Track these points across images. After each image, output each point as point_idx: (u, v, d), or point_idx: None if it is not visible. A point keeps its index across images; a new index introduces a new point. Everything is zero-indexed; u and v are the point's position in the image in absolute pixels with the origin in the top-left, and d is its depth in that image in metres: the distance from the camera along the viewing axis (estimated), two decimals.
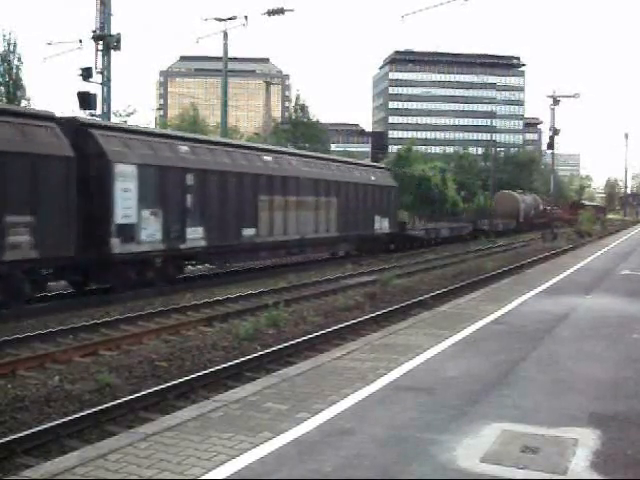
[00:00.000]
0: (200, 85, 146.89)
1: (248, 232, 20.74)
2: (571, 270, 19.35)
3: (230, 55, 31.25)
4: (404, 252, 32.15)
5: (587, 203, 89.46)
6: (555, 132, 44.56)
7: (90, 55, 22.52)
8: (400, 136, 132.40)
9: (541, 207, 63.28)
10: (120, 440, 5.30)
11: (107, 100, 22.71)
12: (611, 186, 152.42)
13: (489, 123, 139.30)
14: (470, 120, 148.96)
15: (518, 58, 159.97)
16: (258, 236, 21.14)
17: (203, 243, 18.76)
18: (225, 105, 30.88)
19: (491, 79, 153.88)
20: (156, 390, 8.44)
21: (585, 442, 5.09)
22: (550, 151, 47.92)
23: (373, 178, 30.11)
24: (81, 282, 16.55)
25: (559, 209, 64.60)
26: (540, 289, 14.75)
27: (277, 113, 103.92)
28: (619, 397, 6.42)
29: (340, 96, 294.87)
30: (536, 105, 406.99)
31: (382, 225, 29.90)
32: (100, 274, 16.37)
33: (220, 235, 19.46)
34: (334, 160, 29.91)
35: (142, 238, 16.65)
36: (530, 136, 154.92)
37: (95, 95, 21.86)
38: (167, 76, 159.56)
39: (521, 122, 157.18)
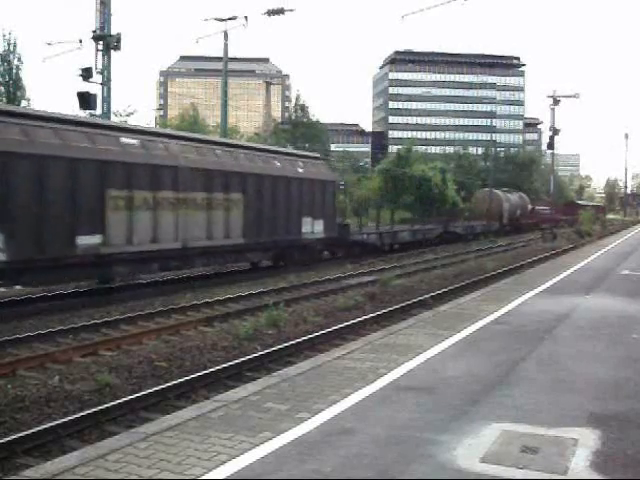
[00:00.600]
0: (200, 85, 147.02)
1: (88, 240, 15.12)
2: (571, 270, 19.35)
3: (230, 55, 31.29)
4: (349, 261, 25.92)
5: (582, 203, 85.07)
6: (555, 132, 44.57)
7: (90, 55, 22.58)
8: (400, 136, 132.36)
9: (529, 207, 59.64)
10: (120, 440, 5.30)
11: (107, 100, 22.74)
12: (611, 186, 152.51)
13: (489, 123, 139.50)
14: (470, 120, 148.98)
15: (518, 58, 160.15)
16: (107, 245, 15.52)
17: (1, 257, 13.39)
18: (225, 105, 30.90)
19: (491, 79, 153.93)
20: (156, 390, 8.45)
21: (585, 442, 5.08)
22: (550, 151, 47.94)
23: (301, 170, 24.04)
24: None
25: (551, 209, 63.35)
26: (540, 289, 14.75)
27: (277, 113, 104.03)
28: (619, 397, 6.42)
29: (340, 96, 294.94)
30: (536, 105, 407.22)
31: (314, 229, 24.08)
32: None
33: (35, 245, 14.01)
34: (242, 147, 23.58)
35: None
36: (530, 136, 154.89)
37: (95, 95, 21.89)
38: (167, 76, 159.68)
39: (521, 122, 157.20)
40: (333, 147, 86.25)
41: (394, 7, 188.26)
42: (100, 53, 22.39)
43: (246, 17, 28.91)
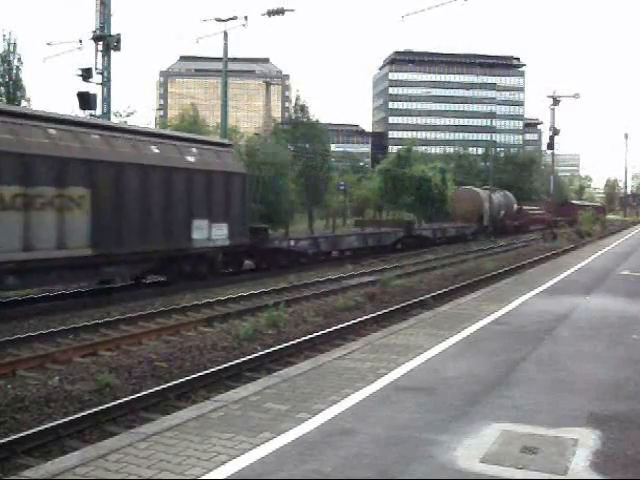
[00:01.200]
0: (200, 85, 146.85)
1: None
2: (571, 270, 19.35)
3: (230, 55, 31.25)
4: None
5: (579, 203, 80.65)
6: (555, 132, 44.60)
7: (90, 55, 22.60)
8: (400, 136, 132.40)
9: (515, 207, 55.43)
10: (120, 440, 5.30)
11: (107, 100, 22.75)
12: (611, 186, 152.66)
13: (489, 123, 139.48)
14: (470, 120, 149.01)
15: (518, 58, 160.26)
16: None
17: None
18: (225, 105, 30.89)
19: (491, 79, 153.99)
20: (156, 390, 8.45)
21: (585, 442, 5.09)
22: (550, 151, 47.96)
23: (192, 159, 18.79)
24: None
25: (541, 209, 59.79)
26: (540, 289, 14.75)
27: (277, 113, 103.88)
28: (619, 397, 6.42)
29: (340, 96, 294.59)
30: (536, 105, 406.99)
31: (212, 234, 19.11)
32: None
33: None
34: (95, 126, 17.07)
35: None
36: (530, 136, 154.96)
37: (95, 95, 21.92)
38: (167, 76, 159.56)
39: (521, 122, 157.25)
40: (333, 147, 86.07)
41: (394, 7, 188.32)
42: (100, 53, 22.41)
43: (246, 17, 28.91)
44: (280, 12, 29.61)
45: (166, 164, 17.70)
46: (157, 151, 17.70)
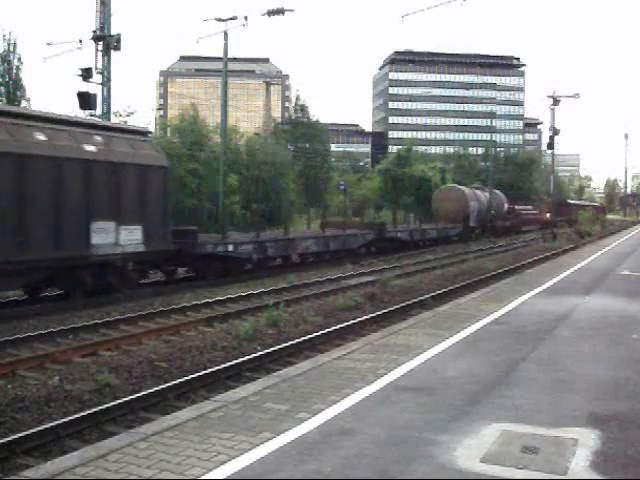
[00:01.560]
0: (200, 85, 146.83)
1: None
2: (571, 270, 19.35)
3: (230, 55, 31.23)
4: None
5: (576, 202, 78.41)
6: (555, 132, 44.58)
7: (90, 55, 22.57)
8: (400, 136, 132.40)
9: (506, 207, 52.81)
10: (120, 440, 5.30)
11: (107, 100, 22.72)
12: (611, 186, 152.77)
13: (489, 123, 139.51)
14: (470, 120, 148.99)
15: (518, 58, 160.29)
16: None
17: None
18: (225, 105, 30.87)
19: (491, 79, 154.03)
20: (156, 390, 8.45)
21: (585, 442, 5.08)
22: (550, 151, 47.95)
23: (92, 148, 15.71)
24: None
25: (535, 209, 58.91)
26: (540, 289, 14.75)
27: (277, 113, 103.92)
28: (619, 397, 6.42)
29: (340, 96, 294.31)
30: (536, 105, 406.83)
31: (121, 238, 16.12)
32: None
33: None
34: None
35: None
36: (530, 136, 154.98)
37: (95, 95, 21.89)
38: (167, 76, 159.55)
39: (521, 122, 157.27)
40: (333, 147, 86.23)
41: (394, 7, 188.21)
42: (100, 53, 22.39)
43: (246, 17, 28.84)
44: (280, 12, 29.58)
45: (54, 154, 14.66)
46: (43, 138, 14.64)
